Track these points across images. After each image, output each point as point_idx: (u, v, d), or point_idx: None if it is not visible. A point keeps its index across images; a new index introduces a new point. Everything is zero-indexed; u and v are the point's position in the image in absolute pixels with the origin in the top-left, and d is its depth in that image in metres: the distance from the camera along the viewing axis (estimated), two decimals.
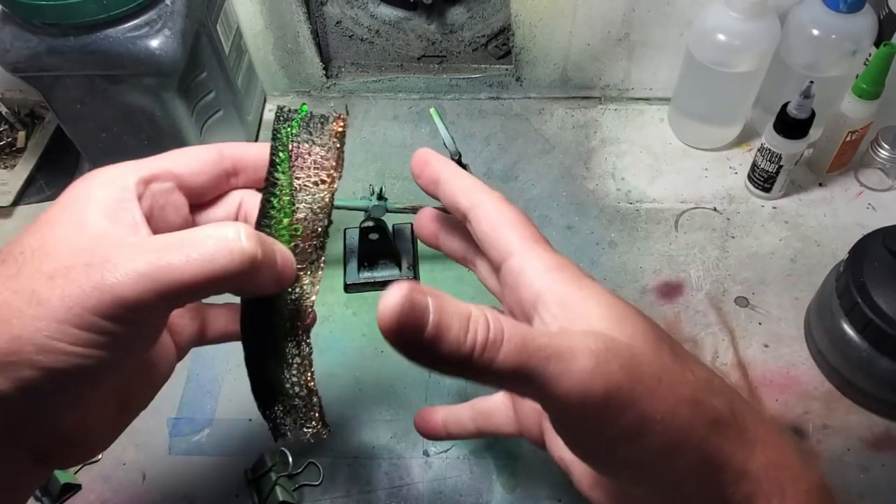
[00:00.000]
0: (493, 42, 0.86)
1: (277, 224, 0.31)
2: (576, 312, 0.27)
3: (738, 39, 0.68)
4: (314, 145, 0.32)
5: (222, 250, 0.27)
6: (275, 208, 0.31)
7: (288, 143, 0.32)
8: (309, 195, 0.31)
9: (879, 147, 0.72)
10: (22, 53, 0.60)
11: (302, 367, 0.31)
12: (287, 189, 0.31)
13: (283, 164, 0.32)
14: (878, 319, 0.54)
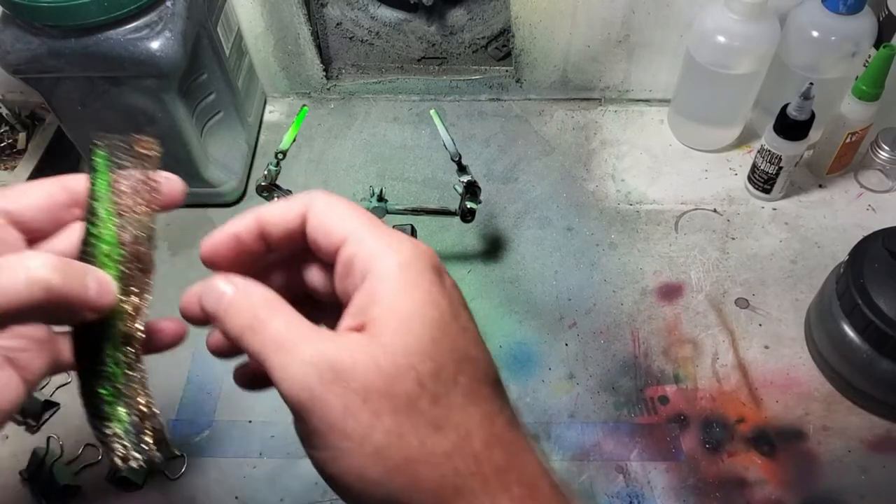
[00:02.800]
0: (493, 44, 0.86)
1: (97, 250, 0.32)
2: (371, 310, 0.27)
3: (737, 41, 0.68)
4: (131, 170, 0.33)
5: (16, 280, 0.27)
6: (93, 235, 0.32)
7: (104, 168, 0.33)
8: (127, 221, 0.32)
9: (879, 148, 0.72)
10: (23, 55, 0.60)
11: (133, 390, 0.31)
12: (105, 215, 0.32)
13: (101, 190, 0.33)
14: (879, 321, 0.54)
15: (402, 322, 0.26)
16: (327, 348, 0.25)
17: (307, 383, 0.25)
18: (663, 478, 0.56)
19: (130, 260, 0.32)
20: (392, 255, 0.27)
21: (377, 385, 0.25)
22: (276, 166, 0.61)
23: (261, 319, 0.27)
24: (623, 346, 0.64)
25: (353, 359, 0.25)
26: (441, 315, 0.26)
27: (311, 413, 0.25)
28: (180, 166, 0.71)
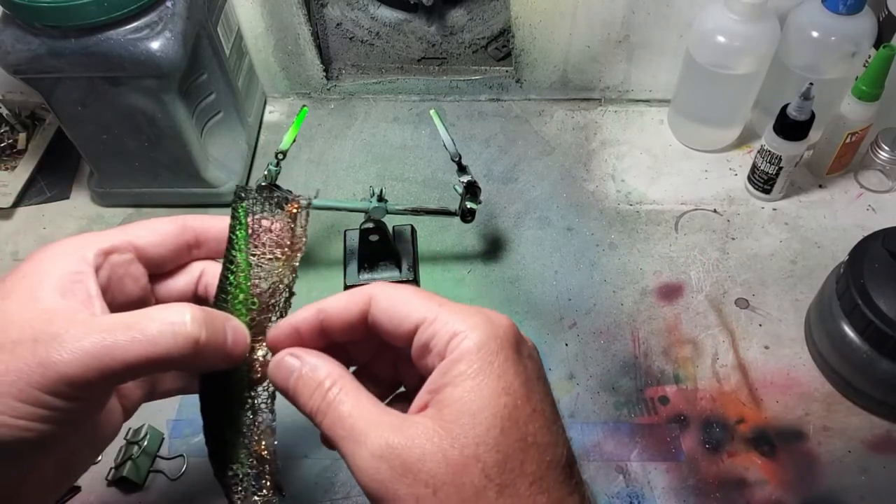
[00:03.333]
0: (493, 44, 0.86)
1: (234, 299, 0.32)
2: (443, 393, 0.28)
3: (737, 41, 0.68)
4: (272, 223, 0.33)
5: (166, 334, 0.28)
6: (231, 284, 0.32)
7: (245, 220, 0.33)
8: (264, 271, 0.32)
9: (879, 149, 0.72)
10: (23, 55, 0.60)
11: (256, 435, 0.32)
12: (243, 265, 0.32)
13: (240, 241, 0.33)
14: (879, 321, 0.54)
15: (473, 413, 0.26)
16: (395, 440, 0.26)
17: (378, 477, 0.26)
18: (663, 478, 0.56)
19: (262, 310, 0.32)
20: (471, 335, 0.27)
21: (445, 477, 0.26)
22: (276, 166, 0.61)
23: (328, 402, 0.29)
24: (623, 346, 0.64)
25: (421, 450, 0.26)
26: (513, 402, 0.27)
27: (385, 502, 0.26)
28: (180, 166, 0.71)
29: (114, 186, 0.75)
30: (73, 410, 0.28)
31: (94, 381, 0.27)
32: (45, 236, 0.74)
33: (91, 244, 0.32)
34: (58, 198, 0.78)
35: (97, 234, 0.33)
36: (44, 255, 0.31)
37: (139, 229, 0.34)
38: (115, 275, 0.32)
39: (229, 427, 0.32)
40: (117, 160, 0.71)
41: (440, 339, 0.28)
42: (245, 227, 0.33)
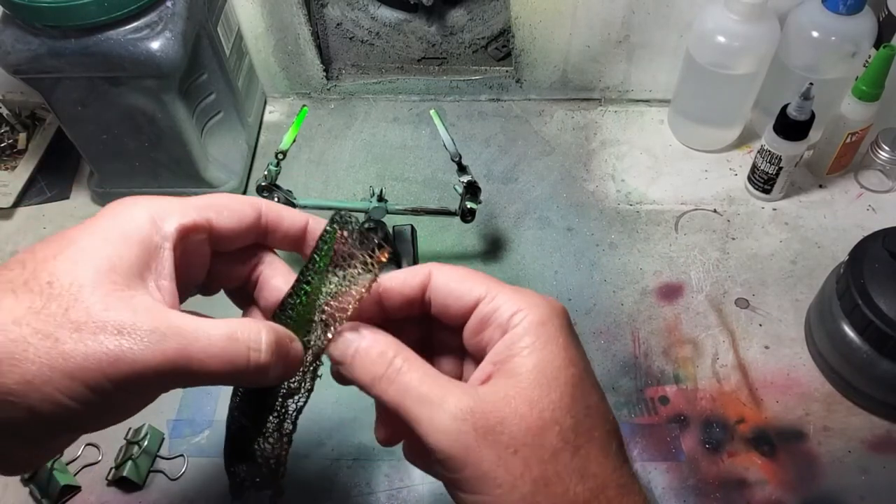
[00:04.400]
0: (493, 44, 0.86)
1: (296, 319, 0.32)
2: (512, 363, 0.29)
3: (737, 41, 0.68)
4: (355, 260, 0.32)
5: (242, 357, 0.28)
6: (300, 304, 0.32)
7: (333, 247, 0.32)
8: (330, 307, 0.31)
9: (879, 149, 0.72)
10: (23, 55, 0.60)
11: (279, 442, 0.32)
12: (315, 293, 0.32)
13: (320, 269, 0.32)
14: (879, 321, 0.54)
15: (547, 379, 0.28)
16: (474, 403, 0.28)
17: (461, 438, 0.27)
18: (663, 478, 0.56)
19: (318, 333, 0.31)
20: (532, 311, 0.29)
21: (525, 438, 0.27)
22: (276, 166, 0.61)
23: (396, 369, 0.29)
24: (623, 346, 0.64)
25: (501, 413, 0.27)
26: (579, 373, 0.29)
27: (466, 464, 0.27)
28: (180, 166, 0.72)
29: (114, 186, 0.75)
30: (132, 401, 0.28)
31: (163, 383, 0.27)
32: (46, 236, 0.74)
33: (172, 216, 0.31)
34: (58, 198, 0.78)
35: (177, 202, 0.31)
36: (125, 215, 0.30)
37: (220, 209, 0.32)
38: (187, 254, 0.32)
39: (253, 427, 0.32)
40: (117, 160, 0.71)
41: (502, 314, 0.30)
42: (330, 254, 0.32)
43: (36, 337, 0.26)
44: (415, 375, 0.29)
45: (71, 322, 0.26)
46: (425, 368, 0.29)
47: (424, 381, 0.29)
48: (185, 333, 0.27)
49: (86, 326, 0.26)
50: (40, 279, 0.27)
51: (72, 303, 0.26)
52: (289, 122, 0.84)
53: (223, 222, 0.32)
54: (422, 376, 0.29)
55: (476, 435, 0.27)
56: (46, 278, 0.27)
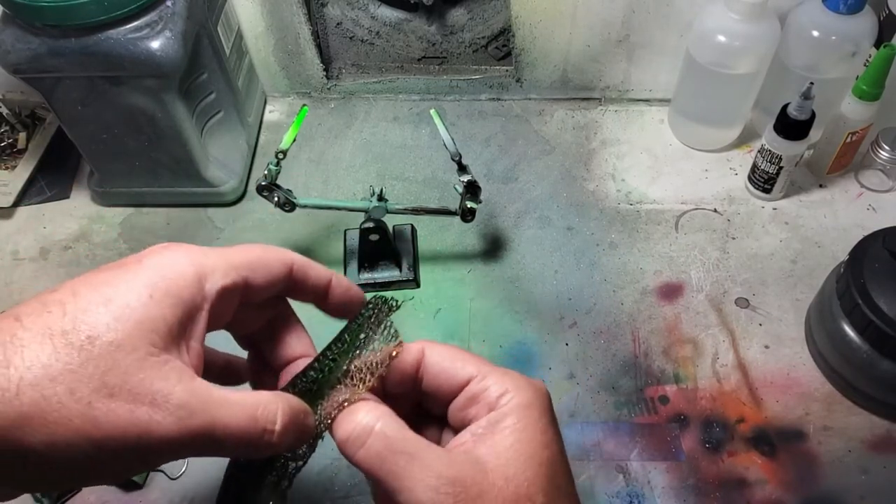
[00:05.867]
0: (493, 43, 0.86)
1: (309, 395, 0.33)
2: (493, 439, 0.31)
3: (738, 41, 0.68)
4: (375, 350, 0.33)
5: (256, 432, 0.29)
6: (316, 382, 0.33)
7: (364, 332, 0.34)
8: (344, 391, 0.32)
9: (879, 148, 0.72)
10: (23, 55, 0.60)
11: (274, 497, 0.32)
12: (336, 373, 0.33)
13: (348, 350, 0.33)
14: (879, 321, 0.54)
15: (524, 457, 0.30)
16: (455, 474, 0.29)
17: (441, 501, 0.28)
18: (663, 478, 0.56)
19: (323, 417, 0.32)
20: (519, 394, 0.31)
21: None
22: (276, 166, 0.61)
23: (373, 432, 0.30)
24: (623, 345, 0.64)
25: (480, 486, 0.29)
26: (553, 455, 0.31)
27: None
28: (180, 166, 0.72)
29: (114, 186, 0.75)
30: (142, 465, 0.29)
31: (176, 454, 0.27)
32: (46, 236, 0.74)
33: (216, 273, 0.30)
34: (58, 197, 0.78)
35: (219, 257, 0.31)
36: (168, 270, 0.29)
37: (257, 267, 0.32)
38: (217, 311, 0.31)
39: (251, 482, 0.32)
40: (117, 160, 0.71)
41: (491, 394, 0.31)
42: (359, 338, 0.33)
43: (70, 398, 0.25)
44: (397, 436, 0.30)
45: (106, 387, 0.26)
46: (405, 430, 0.30)
47: (406, 444, 0.30)
48: (211, 410, 0.28)
49: (120, 394, 0.26)
50: (80, 332, 0.26)
51: (110, 366, 0.26)
52: (289, 121, 0.84)
53: (258, 280, 0.32)
54: (404, 439, 0.30)
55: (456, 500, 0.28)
56: (87, 332, 0.26)
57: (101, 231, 0.75)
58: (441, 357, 0.33)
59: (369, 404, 0.31)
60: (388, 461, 0.29)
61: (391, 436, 0.30)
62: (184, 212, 0.76)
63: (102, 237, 0.74)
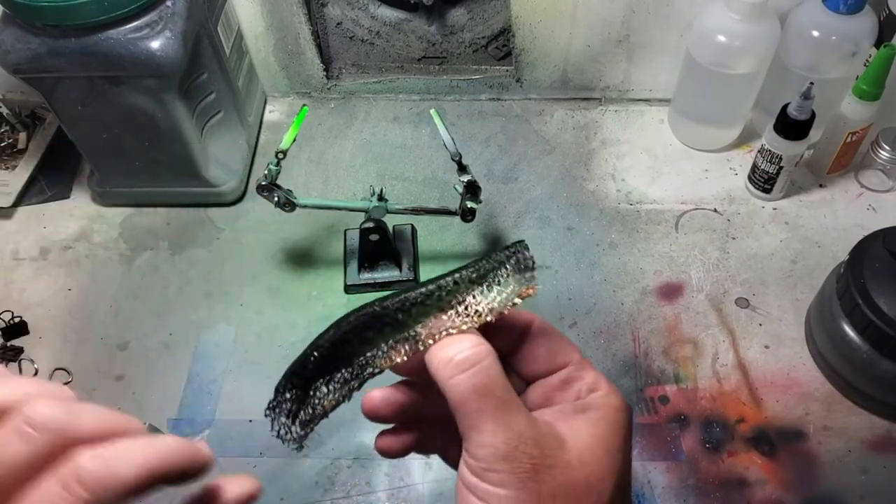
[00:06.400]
0: (493, 43, 0.86)
1: (417, 307, 0.32)
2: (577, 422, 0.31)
3: (738, 41, 0.68)
4: (503, 290, 0.32)
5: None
6: (430, 297, 0.32)
7: (502, 269, 0.32)
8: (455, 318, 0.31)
9: (880, 148, 0.72)
10: (23, 55, 0.60)
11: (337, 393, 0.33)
12: (456, 296, 0.32)
13: (478, 279, 0.32)
14: (879, 321, 0.54)
15: (602, 452, 0.30)
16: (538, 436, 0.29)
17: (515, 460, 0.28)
18: (663, 478, 0.56)
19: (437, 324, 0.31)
20: (610, 396, 0.32)
21: (567, 491, 0.28)
22: (276, 166, 0.61)
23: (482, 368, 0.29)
24: (623, 345, 0.64)
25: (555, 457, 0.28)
26: (624, 466, 0.31)
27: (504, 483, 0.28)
28: (180, 166, 0.72)
29: (114, 186, 0.75)
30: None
31: None
32: (46, 236, 0.74)
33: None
34: (58, 197, 0.78)
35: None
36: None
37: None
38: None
39: (322, 373, 0.32)
40: (118, 159, 0.71)
41: (585, 384, 0.32)
42: (498, 274, 0.32)
43: None
44: (499, 380, 0.29)
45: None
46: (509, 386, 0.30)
47: (506, 391, 0.29)
48: None
49: None
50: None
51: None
52: (289, 121, 0.84)
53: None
54: (507, 387, 0.30)
55: (529, 466, 0.28)
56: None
57: (102, 231, 0.75)
58: (549, 333, 0.33)
59: (480, 338, 0.31)
60: (481, 398, 0.29)
61: (493, 376, 0.29)
62: (184, 212, 0.76)
63: (102, 237, 0.74)
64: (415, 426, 0.34)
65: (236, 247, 0.73)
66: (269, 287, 0.69)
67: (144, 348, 0.65)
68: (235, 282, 0.70)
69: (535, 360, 0.33)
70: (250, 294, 0.69)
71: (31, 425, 0.24)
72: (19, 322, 0.67)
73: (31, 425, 0.24)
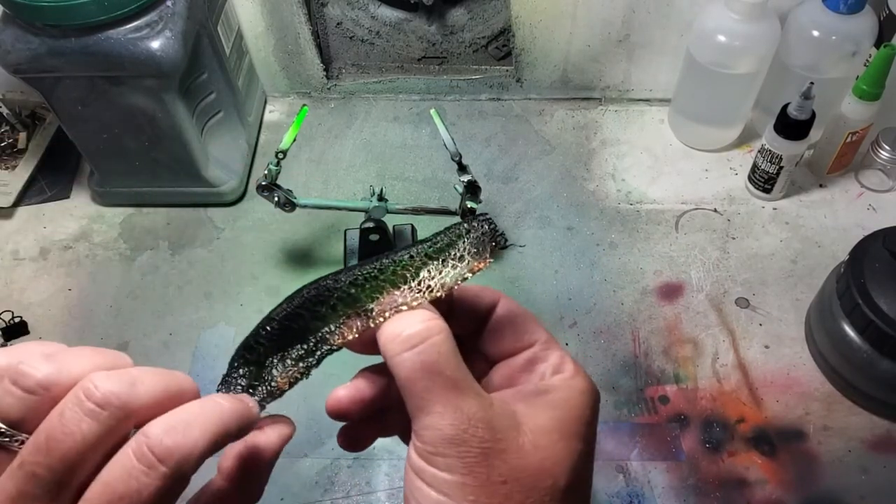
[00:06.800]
0: (493, 43, 0.86)
1: (370, 281, 0.31)
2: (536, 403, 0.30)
3: (738, 41, 0.68)
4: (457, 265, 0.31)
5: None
6: (384, 272, 0.31)
7: (459, 245, 0.31)
8: (407, 294, 0.30)
9: (880, 148, 0.72)
10: (23, 55, 0.60)
11: (291, 371, 0.31)
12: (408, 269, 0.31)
13: (431, 254, 0.31)
14: (879, 321, 0.54)
15: (560, 435, 0.29)
16: (489, 416, 0.27)
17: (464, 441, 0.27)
18: (663, 478, 0.56)
19: (389, 300, 0.30)
20: (576, 378, 0.30)
21: (518, 474, 0.27)
22: (276, 166, 0.61)
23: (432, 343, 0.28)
24: (623, 345, 0.64)
25: (507, 440, 0.27)
26: (585, 453, 0.30)
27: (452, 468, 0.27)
28: (180, 166, 0.72)
29: (114, 185, 0.75)
30: None
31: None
32: (46, 235, 0.74)
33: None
34: (58, 197, 0.78)
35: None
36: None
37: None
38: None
39: (276, 349, 0.31)
40: (117, 159, 0.71)
41: (549, 365, 0.31)
42: (453, 251, 0.31)
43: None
44: (455, 360, 0.28)
45: None
46: (462, 363, 0.29)
47: (457, 369, 0.28)
48: None
49: None
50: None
51: None
52: (289, 121, 0.84)
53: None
54: (459, 365, 0.28)
55: (478, 450, 0.27)
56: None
57: (101, 231, 0.75)
58: (515, 312, 0.32)
59: (433, 314, 0.29)
60: (431, 376, 0.27)
61: (443, 353, 0.28)
62: (184, 211, 0.76)
63: (102, 237, 0.74)
64: (378, 413, 0.33)
65: (236, 247, 0.73)
66: (269, 287, 0.69)
67: (144, 348, 0.65)
68: (235, 282, 0.70)
69: (500, 340, 0.32)
70: (250, 294, 0.69)
71: (94, 401, 0.24)
72: (19, 322, 0.67)
73: (94, 401, 0.24)
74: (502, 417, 0.28)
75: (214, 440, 0.26)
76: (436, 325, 0.28)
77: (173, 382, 0.27)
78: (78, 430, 0.24)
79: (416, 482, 0.28)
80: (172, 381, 0.27)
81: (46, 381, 0.25)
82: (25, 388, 0.25)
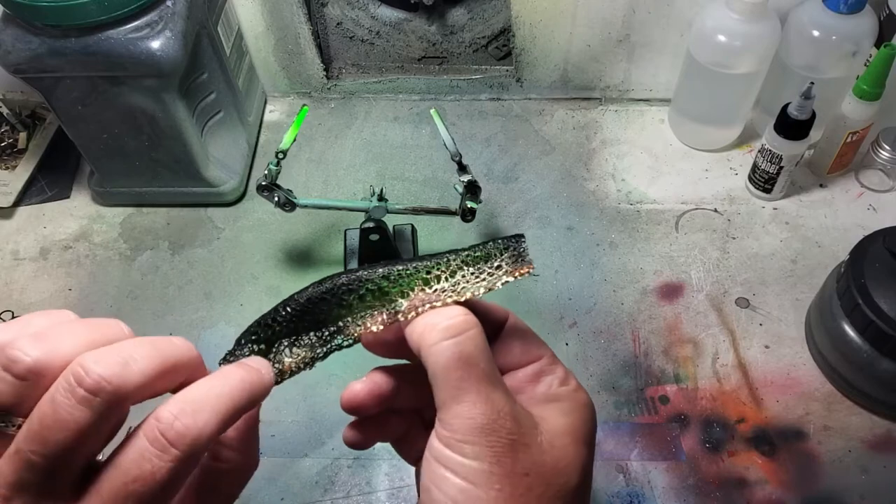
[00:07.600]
0: (493, 43, 0.86)
1: (410, 278, 0.31)
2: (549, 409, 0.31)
3: (738, 40, 0.68)
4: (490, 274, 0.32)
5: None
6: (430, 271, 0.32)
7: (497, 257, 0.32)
8: (440, 293, 0.31)
9: (880, 148, 0.72)
10: (23, 55, 0.60)
11: (302, 357, 0.31)
12: (448, 268, 0.32)
13: (472, 260, 0.32)
14: (879, 320, 0.54)
15: (572, 440, 0.30)
16: (516, 412, 0.29)
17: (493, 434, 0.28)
18: (663, 478, 0.56)
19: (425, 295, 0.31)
20: (580, 392, 0.32)
21: (539, 469, 0.29)
22: (276, 166, 0.61)
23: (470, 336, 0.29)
24: (623, 345, 0.64)
25: (529, 437, 0.29)
26: (589, 454, 0.31)
27: (479, 456, 0.28)
28: (181, 166, 0.72)
29: (114, 186, 0.75)
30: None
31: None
32: (46, 235, 0.74)
33: None
34: (58, 197, 0.78)
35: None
36: None
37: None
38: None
39: (289, 332, 0.31)
40: (117, 159, 0.71)
41: (556, 378, 0.32)
42: (492, 262, 0.32)
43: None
44: (483, 351, 0.29)
45: None
46: (493, 359, 0.30)
47: (489, 363, 0.29)
48: None
49: None
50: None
51: None
52: (289, 121, 0.84)
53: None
54: (488, 357, 0.30)
55: (507, 441, 0.28)
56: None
57: (102, 231, 0.75)
58: (523, 328, 0.34)
59: (468, 311, 0.30)
60: (467, 367, 0.28)
61: (479, 346, 0.29)
62: (184, 211, 0.76)
63: (102, 237, 0.74)
64: (384, 414, 0.34)
65: (236, 247, 0.73)
66: (269, 287, 0.69)
67: None
68: (235, 282, 0.70)
69: (509, 353, 0.33)
70: (250, 294, 0.69)
71: (85, 387, 0.24)
72: None
73: (85, 387, 0.24)
74: (527, 416, 0.30)
75: (225, 419, 0.27)
76: (472, 320, 0.30)
77: (170, 355, 0.27)
78: (71, 418, 0.24)
79: (439, 470, 0.28)
80: (169, 354, 0.27)
81: (37, 367, 0.25)
82: (16, 374, 0.25)
